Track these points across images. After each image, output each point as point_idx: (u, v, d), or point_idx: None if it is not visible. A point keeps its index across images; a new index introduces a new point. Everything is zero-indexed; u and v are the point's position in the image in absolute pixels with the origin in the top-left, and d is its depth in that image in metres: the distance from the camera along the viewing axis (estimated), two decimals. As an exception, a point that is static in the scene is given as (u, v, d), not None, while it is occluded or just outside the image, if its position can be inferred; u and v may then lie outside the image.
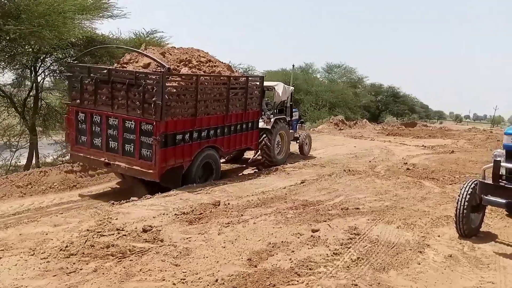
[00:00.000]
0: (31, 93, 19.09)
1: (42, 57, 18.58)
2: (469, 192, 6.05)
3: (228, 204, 6.83)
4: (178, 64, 8.43)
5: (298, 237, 5.38)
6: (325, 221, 6.13)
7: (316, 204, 7.27)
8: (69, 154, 9.39)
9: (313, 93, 32.37)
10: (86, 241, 4.92)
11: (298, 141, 13.91)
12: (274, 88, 12.44)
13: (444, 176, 10.74)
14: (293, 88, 14.14)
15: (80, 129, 8.36)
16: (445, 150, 16.89)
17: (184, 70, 8.26)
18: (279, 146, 12.28)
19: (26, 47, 14.59)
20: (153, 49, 8.70)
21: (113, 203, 6.78)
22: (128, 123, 7.64)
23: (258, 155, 12.17)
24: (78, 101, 8.29)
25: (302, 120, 16.25)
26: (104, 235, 5.14)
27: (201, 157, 8.48)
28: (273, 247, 5.01)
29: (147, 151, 7.49)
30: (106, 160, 7.95)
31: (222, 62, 9.80)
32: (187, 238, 5.18)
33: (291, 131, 13.21)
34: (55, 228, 5.47)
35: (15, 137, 18.80)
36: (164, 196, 7.27)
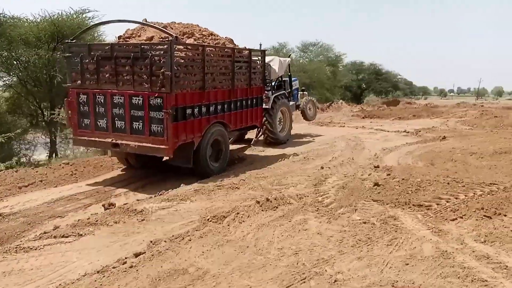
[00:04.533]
0: None
1: None
2: None
3: None
4: (182, 37, 7.64)
5: None
6: None
7: None
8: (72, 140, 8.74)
9: (282, 74, 26.84)
10: None
11: (299, 108, 12.80)
12: (270, 64, 10.80)
13: (439, 198, 5.60)
14: (289, 59, 12.69)
15: (82, 112, 7.42)
16: (434, 137, 11.70)
17: (190, 42, 7.61)
18: (281, 123, 11.23)
19: None
20: (154, 23, 7.61)
21: None
22: (135, 99, 6.85)
23: (260, 135, 11.02)
24: (79, 82, 7.40)
25: (303, 88, 14.91)
26: None
27: (210, 133, 7.63)
28: None
29: (158, 127, 6.71)
30: (114, 141, 7.08)
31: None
32: None
33: (291, 103, 12.00)
34: None
35: None
36: None
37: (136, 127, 6.92)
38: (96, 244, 4.20)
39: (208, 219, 4.75)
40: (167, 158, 7.33)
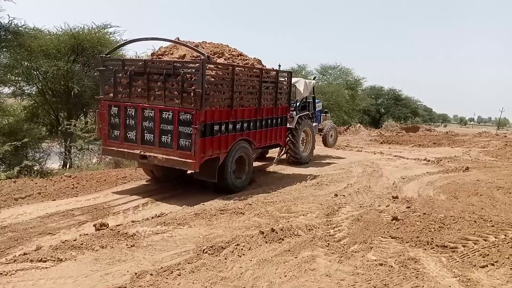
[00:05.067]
0: None
1: None
2: None
3: None
4: (213, 56, 7.66)
5: None
6: None
7: None
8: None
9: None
10: None
11: (322, 133, 12.55)
12: (295, 85, 10.87)
13: (466, 239, 4.92)
14: (314, 82, 12.84)
15: (113, 123, 7.56)
16: (456, 167, 10.92)
17: (220, 61, 7.65)
18: (304, 143, 11.26)
19: None
20: (186, 42, 7.69)
21: None
22: (165, 113, 6.94)
23: (283, 154, 10.94)
24: (111, 94, 7.53)
25: (326, 109, 14.75)
26: None
27: (235, 150, 7.67)
28: None
29: (186, 141, 6.79)
30: (142, 153, 7.13)
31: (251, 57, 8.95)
32: None
33: (314, 124, 11.95)
34: None
35: None
36: None
37: (165, 140, 7.01)
38: (74, 272, 3.68)
39: (203, 250, 4.19)
40: (192, 172, 7.29)
